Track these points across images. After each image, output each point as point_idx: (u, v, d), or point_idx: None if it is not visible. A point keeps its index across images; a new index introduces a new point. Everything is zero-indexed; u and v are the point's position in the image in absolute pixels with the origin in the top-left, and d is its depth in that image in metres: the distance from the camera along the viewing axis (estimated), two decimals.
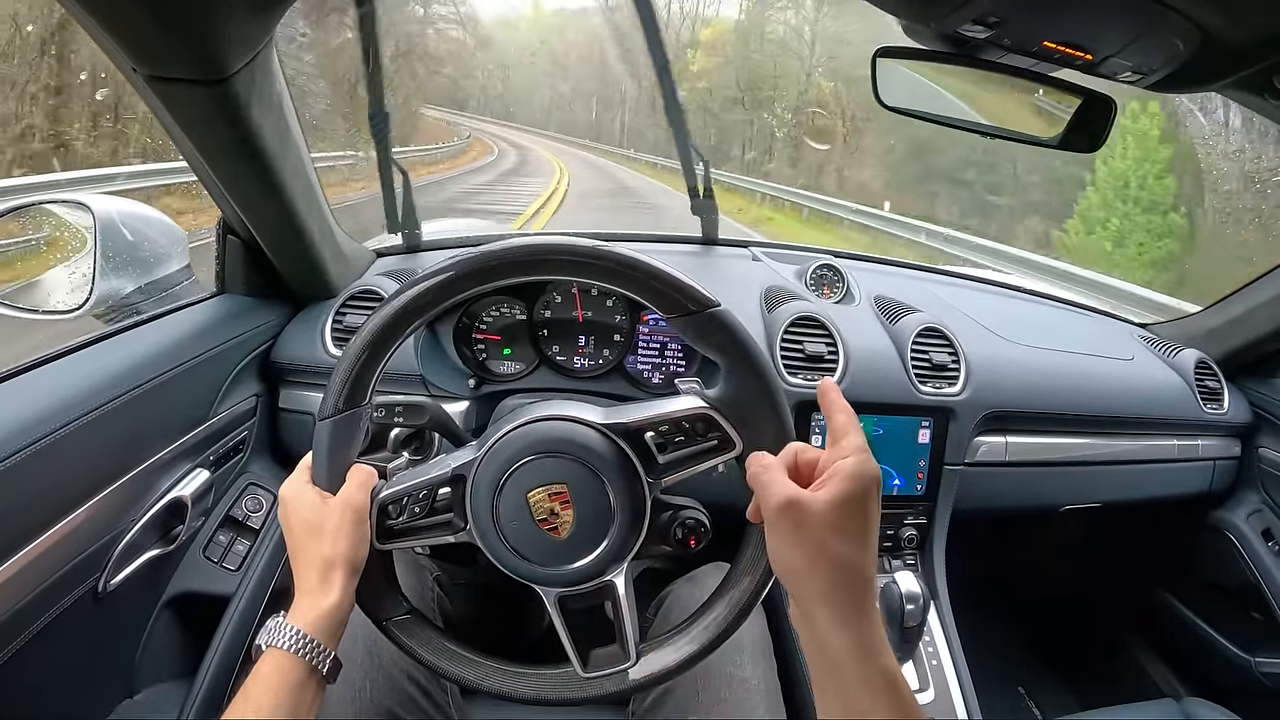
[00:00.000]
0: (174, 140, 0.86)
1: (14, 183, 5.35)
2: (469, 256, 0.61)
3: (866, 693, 0.46)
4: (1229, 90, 0.71)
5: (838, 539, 0.48)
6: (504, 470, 0.62)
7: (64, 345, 0.85)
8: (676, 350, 1.10)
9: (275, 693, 0.56)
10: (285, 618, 0.59)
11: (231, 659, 0.98)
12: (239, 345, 1.02)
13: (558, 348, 1.10)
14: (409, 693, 0.79)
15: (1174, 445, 1.31)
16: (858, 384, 1.10)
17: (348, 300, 1.10)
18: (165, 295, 1.05)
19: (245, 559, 1.01)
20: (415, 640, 0.66)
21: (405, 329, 0.62)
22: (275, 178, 0.88)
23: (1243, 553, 1.35)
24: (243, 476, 1.06)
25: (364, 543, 0.63)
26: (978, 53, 0.74)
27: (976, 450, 1.17)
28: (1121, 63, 0.68)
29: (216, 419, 0.98)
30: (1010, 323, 1.32)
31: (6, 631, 0.70)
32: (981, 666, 1.09)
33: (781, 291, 1.21)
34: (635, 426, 0.64)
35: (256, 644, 0.59)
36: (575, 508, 0.62)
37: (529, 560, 0.63)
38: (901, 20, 0.75)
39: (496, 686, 0.65)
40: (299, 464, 0.67)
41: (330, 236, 1.07)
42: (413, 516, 0.65)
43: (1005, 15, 0.64)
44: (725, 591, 0.66)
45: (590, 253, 0.61)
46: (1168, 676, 1.54)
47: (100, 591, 0.82)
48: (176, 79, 0.70)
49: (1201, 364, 1.36)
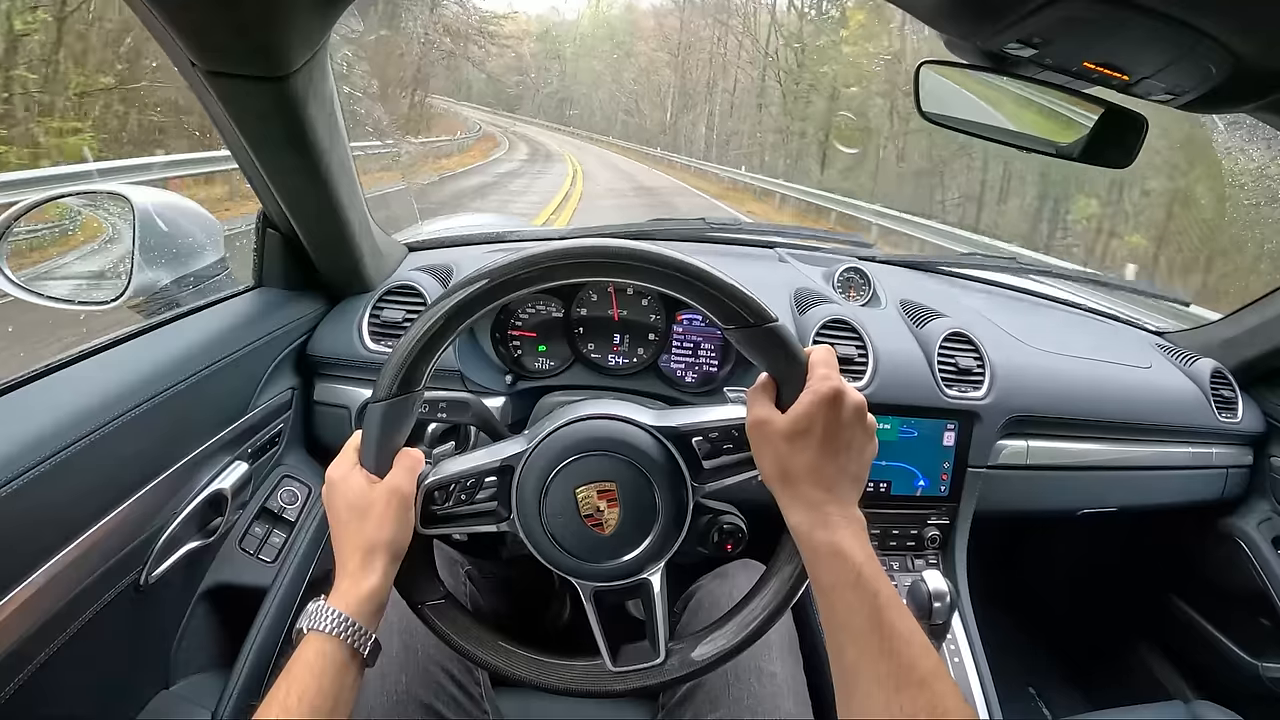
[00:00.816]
0: (223, 134, 0.86)
1: (47, 173, 5.32)
2: (532, 254, 0.61)
3: (815, 560, 0.57)
4: (1258, 112, 0.72)
5: (792, 447, 0.58)
6: (554, 464, 0.62)
7: (107, 338, 0.85)
8: (710, 350, 1.12)
9: (318, 675, 0.56)
10: (326, 601, 0.59)
11: (268, 651, 0.98)
12: (277, 339, 1.03)
13: (593, 345, 1.11)
14: (442, 683, 0.80)
15: (1188, 453, 1.33)
16: (886, 386, 1.12)
17: (384, 295, 1.11)
18: (200, 287, 1.06)
19: (281, 551, 1.02)
20: (449, 625, 0.67)
21: (465, 320, 0.62)
22: (322, 173, 0.89)
23: (1253, 560, 1.36)
24: (278, 469, 1.07)
25: (408, 528, 0.63)
26: (1016, 69, 0.76)
27: (999, 454, 1.19)
28: (1156, 84, 0.69)
29: (255, 412, 0.99)
30: (1031, 328, 1.33)
31: (53, 626, 0.71)
32: (994, 665, 1.11)
33: (811, 294, 1.23)
34: (685, 431, 0.65)
35: (297, 627, 0.59)
36: (621, 506, 0.63)
37: (570, 554, 0.63)
38: (944, 36, 0.76)
39: (527, 675, 0.66)
40: (345, 445, 0.67)
41: (368, 232, 1.08)
42: (458, 503, 0.65)
43: (1049, 36, 0.65)
44: (759, 591, 0.67)
45: (651, 258, 0.60)
46: (1176, 680, 1.55)
47: (142, 584, 0.83)
48: (237, 75, 0.71)
49: (1217, 373, 1.37)
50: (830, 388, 0.58)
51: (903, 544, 1.18)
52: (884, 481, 1.14)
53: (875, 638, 0.52)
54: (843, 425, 0.58)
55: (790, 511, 0.59)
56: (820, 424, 0.58)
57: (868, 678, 0.52)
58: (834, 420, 0.58)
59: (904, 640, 0.52)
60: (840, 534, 0.56)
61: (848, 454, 0.59)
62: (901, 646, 0.52)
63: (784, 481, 0.59)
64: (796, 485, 0.58)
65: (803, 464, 0.58)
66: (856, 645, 0.53)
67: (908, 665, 0.51)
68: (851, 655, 0.53)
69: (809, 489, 0.58)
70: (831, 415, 0.58)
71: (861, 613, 0.53)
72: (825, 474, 0.58)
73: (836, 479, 0.58)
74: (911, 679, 0.50)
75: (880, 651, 0.52)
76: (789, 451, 0.58)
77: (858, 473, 0.60)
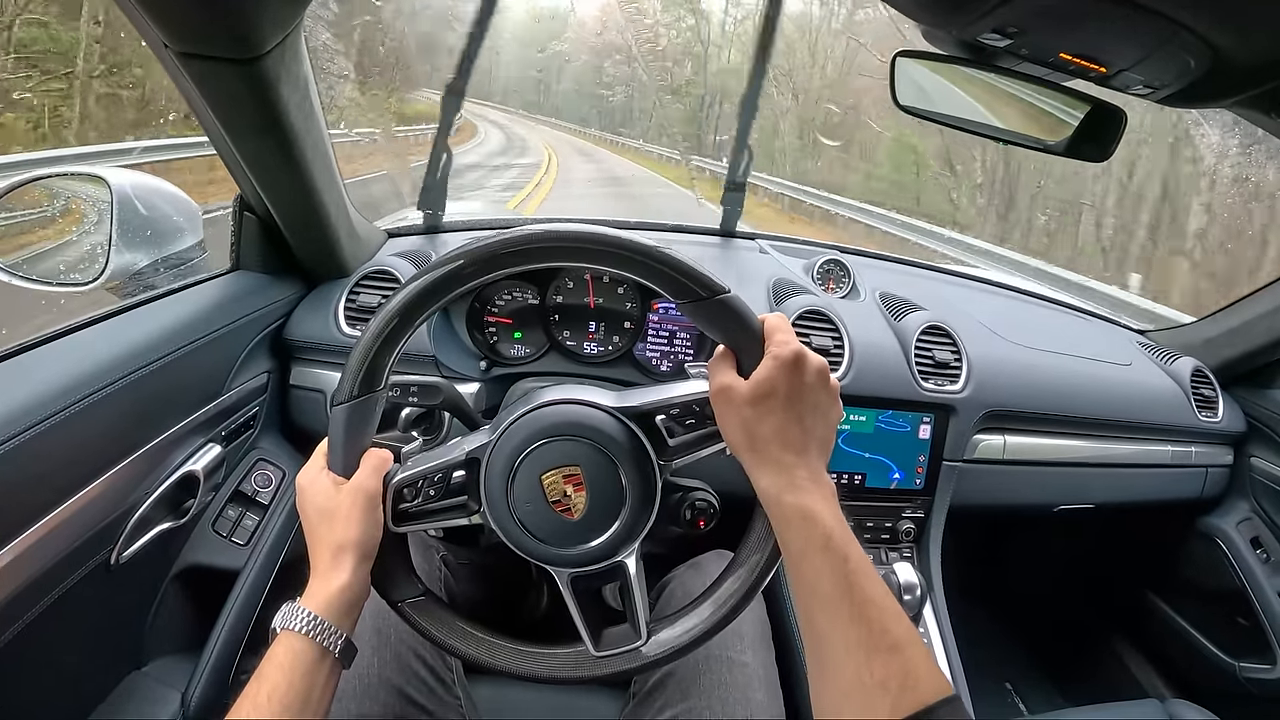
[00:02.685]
0: (198, 116, 0.86)
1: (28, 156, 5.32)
2: (483, 244, 0.61)
3: (784, 524, 0.57)
4: (1237, 107, 0.72)
5: (756, 411, 0.58)
6: (518, 453, 0.63)
7: (82, 318, 0.85)
8: (685, 339, 1.12)
9: (289, 674, 0.56)
10: (299, 601, 0.60)
11: (239, 633, 0.98)
12: (253, 322, 1.03)
13: (568, 333, 1.11)
14: (416, 670, 0.80)
15: (1168, 451, 1.33)
16: (862, 378, 1.12)
17: (361, 280, 1.11)
18: (179, 270, 1.06)
19: (254, 534, 1.02)
20: (429, 621, 0.67)
21: (421, 314, 0.62)
22: (297, 156, 0.89)
23: (1231, 559, 1.37)
24: (253, 452, 1.07)
25: (376, 527, 0.63)
26: (994, 60, 0.76)
27: (975, 447, 1.19)
28: (1134, 77, 0.69)
29: (229, 394, 0.99)
30: (1012, 324, 1.34)
31: (21, 602, 0.71)
32: (969, 660, 1.11)
33: (789, 285, 1.23)
34: (647, 410, 0.65)
35: (271, 627, 0.59)
36: (588, 490, 0.63)
37: (542, 541, 0.64)
38: (921, 25, 0.76)
39: (510, 666, 0.66)
40: (315, 450, 0.68)
41: (345, 216, 1.08)
42: (427, 499, 0.65)
43: (1025, 26, 0.65)
44: (734, 570, 0.67)
45: (603, 240, 0.61)
46: (1153, 678, 1.56)
47: (112, 564, 0.83)
48: (209, 56, 0.71)
49: (1198, 372, 1.38)
50: (791, 351, 0.58)
51: (877, 537, 1.18)
52: (859, 474, 1.14)
53: (845, 603, 0.52)
54: (806, 388, 0.58)
55: (758, 476, 0.58)
56: (783, 387, 0.58)
57: (838, 644, 0.51)
58: (797, 382, 0.58)
59: (875, 606, 0.51)
60: (809, 497, 0.56)
61: (813, 416, 0.59)
62: (873, 612, 0.51)
63: (751, 447, 0.59)
64: (764, 449, 0.58)
65: (769, 428, 0.58)
66: (826, 612, 0.52)
67: (879, 631, 0.50)
68: (821, 622, 0.53)
69: (777, 451, 0.58)
70: (794, 378, 0.58)
71: (831, 578, 0.53)
72: (791, 436, 0.58)
73: (804, 442, 0.58)
74: (882, 645, 0.50)
75: (850, 618, 0.51)
76: (754, 416, 0.58)
77: (824, 436, 0.60)
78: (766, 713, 0.81)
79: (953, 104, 0.89)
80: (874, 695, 0.48)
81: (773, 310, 1.16)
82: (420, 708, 0.78)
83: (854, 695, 0.49)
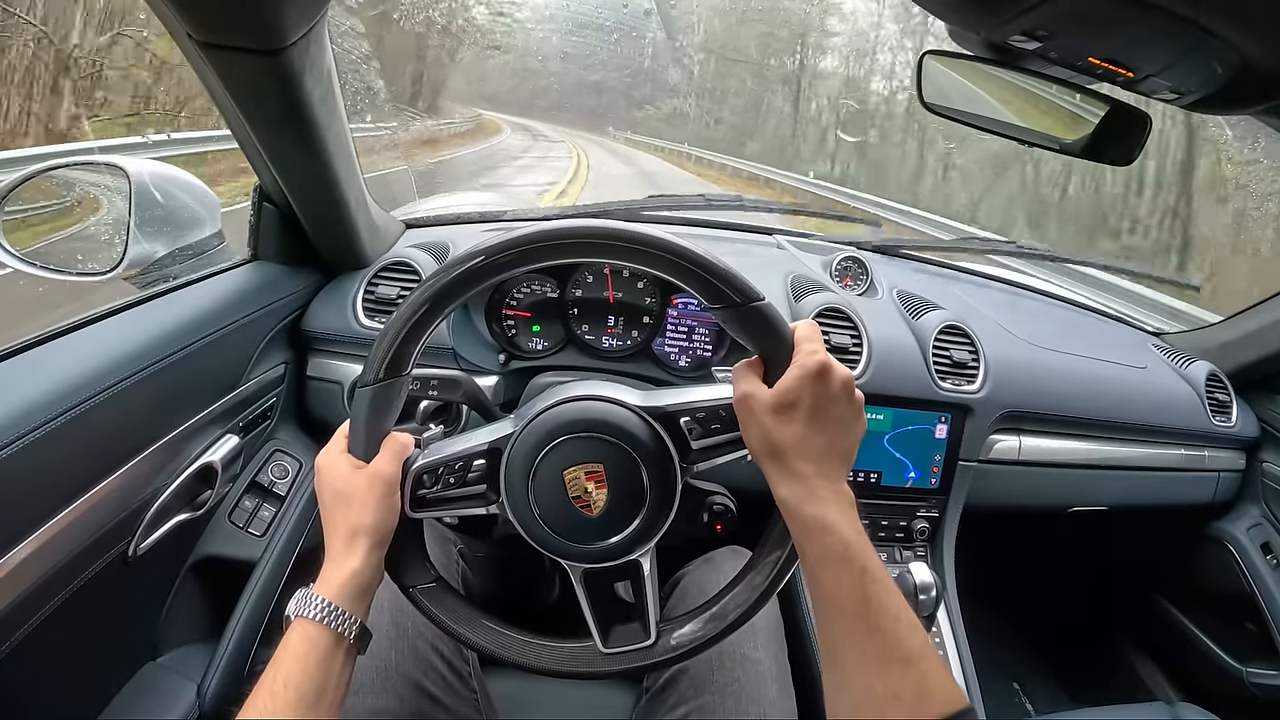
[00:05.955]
0: (220, 107, 0.86)
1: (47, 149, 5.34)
2: (516, 235, 0.61)
3: (803, 534, 0.57)
4: (1262, 115, 0.72)
5: (779, 420, 0.58)
6: (541, 446, 0.62)
7: (101, 309, 0.85)
8: (704, 335, 1.11)
9: (304, 662, 0.56)
10: (313, 588, 0.60)
11: (255, 624, 0.99)
12: (271, 313, 1.03)
13: (587, 327, 1.11)
14: (431, 661, 0.80)
15: (1181, 454, 1.33)
16: (879, 376, 1.12)
17: (380, 271, 1.11)
18: (196, 260, 1.06)
19: (270, 525, 1.02)
20: (439, 608, 0.67)
21: (452, 301, 0.62)
22: (318, 148, 0.88)
23: (1241, 565, 1.37)
24: (270, 443, 1.07)
25: (392, 513, 0.63)
26: (1020, 61, 0.75)
27: (991, 448, 1.19)
28: (1161, 82, 0.68)
29: (247, 385, 0.99)
30: (1028, 324, 1.33)
31: (41, 594, 0.71)
32: (979, 659, 1.11)
33: (807, 281, 1.22)
34: (673, 411, 0.64)
35: (286, 615, 0.59)
36: (609, 487, 0.62)
37: (559, 536, 0.63)
38: (949, 25, 0.76)
39: (518, 657, 0.66)
40: (336, 432, 0.67)
41: (365, 208, 1.08)
42: (446, 487, 0.65)
43: (1055, 30, 0.64)
44: (748, 573, 0.67)
45: (640, 239, 0.60)
46: (1160, 682, 1.56)
47: (130, 556, 0.83)
48: (233, 48, 0.70)
49: (1213, 376, 1.37)
50: (817, 362, 0.58)
51: (891, 535, 1.18)
52: (874, 472, 1.14)
53: (861, 614, 0.52)
54: (830, 399, 0.58)
55: (778, 485, 0.58)
56: (807, 397, 0.58)
57: (852, 654, 0.52)
58: (821, 394, 0.58)
59: (890, 617, 0.52)
60: (828, 508, 0.56)
61: (836, 428, 0.59)
62: (888, 623, 0.51)
63: (772, 455, 0.58)
64: (784, 459, 0.58)
65: (790, 437, 0.57)
66: (842, 621, 0.53)
67: (893, 642, 0.51)
68: (837, 631, 0.53)
69: (797, 462, 0.57)
70: (819, 388, 0.58)
71: (848, 588, 0.53)
72: (813, 447, 0.57)
73: (825, 453, 0.58)
74: (896, 656, 0.50)
75: (866, 628, 0.52)
76: (776, 425, 0.58)
77: (846, 448, 0.59)
78: (779, 709, 0.82)
79: (976, 103, 0.89)
80: (888, 707, 0.49)
81: (790, 307, 1.17)
82: (437, 701, 0.78)
83: (868, 706, 0.50)
